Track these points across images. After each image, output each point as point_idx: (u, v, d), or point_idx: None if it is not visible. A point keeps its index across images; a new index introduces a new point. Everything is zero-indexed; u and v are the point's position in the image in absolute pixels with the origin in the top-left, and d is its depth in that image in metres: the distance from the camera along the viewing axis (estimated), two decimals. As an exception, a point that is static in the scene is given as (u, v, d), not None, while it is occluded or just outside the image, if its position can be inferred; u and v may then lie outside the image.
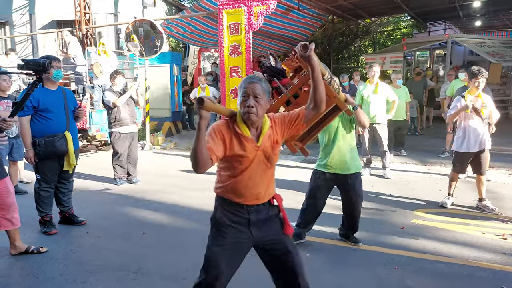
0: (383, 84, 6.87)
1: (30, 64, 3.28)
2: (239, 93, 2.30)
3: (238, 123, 2.29)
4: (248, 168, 2.31)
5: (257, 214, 2.38)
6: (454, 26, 18.53)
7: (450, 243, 4.09)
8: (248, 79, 2.31)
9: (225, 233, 2.36)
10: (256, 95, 2.24)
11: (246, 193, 2.33)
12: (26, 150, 4.38)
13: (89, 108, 8.45)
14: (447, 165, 7.43)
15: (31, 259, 3.86)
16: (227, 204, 2.38)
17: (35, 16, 14.64)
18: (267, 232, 2.40)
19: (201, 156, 2.09)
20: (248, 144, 2.28)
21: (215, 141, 2.22)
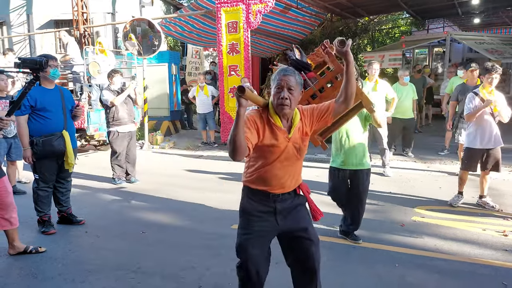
0: (382, 81, 6.83)
1: (27, 62, 3.25)
2: (273, 84, 2.36)
3: (271, 113, 2.36)
4: (278, 158, 2.39)
5: (283, 203, 2.47)
6: (452, 23, 18.52)
7: (450, 240, 4.08)
8: (282, 71, 2.35)
9: (251, 222, 2.47)
10: (290, 87, 2.30)
11: (274, 182, 2.42)
12: (24, 150, 4.36)
13: (87, 108, 8.43)
14: (447, 162, 7.43)
15: (30, 259, 3.84)
16: (253, 193, 2.48)
17: (33, 16, 14.60)
18: (293, 220, 2.49)
19: (240, 143, 2.15)
20: (280, 134, 2.36)
21: (250, 130, 2.28)
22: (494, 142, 4.90)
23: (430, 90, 11.66)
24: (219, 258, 3.79)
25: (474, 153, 5.00)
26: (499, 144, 4.93)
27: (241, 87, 2.10)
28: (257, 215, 2.47)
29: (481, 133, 4.91)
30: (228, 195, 5.65)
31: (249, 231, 2.48)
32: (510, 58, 11.63)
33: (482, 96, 4.88)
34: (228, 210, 5.09)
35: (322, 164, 7.57)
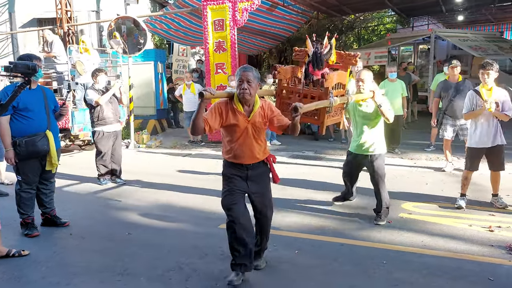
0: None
1: (19, 67, 3.24)
2: (236, 79, 3.10)
3: (234, 101, 3.13)
4: (241, 136, 3.17)
5: (253, 170, 3.26)
6: (437, 21, 18.70)
7: (437, 236, 4.11)
8: (242, 68, 3.12)
9: (230, 181, 3.28)
10: (249, 80, 3.05)
11: (243, 154, 3.20)
12: (6, 151, 4.25)
13: (71, 107, 8.29)
14: (433, 158, 7.50)
15: (13, 262, 3.76)
16: (230, 164, 3.28)
17: (15, 15, 14.34)
18: (258, 185, 3.31)
19: (198, 125, 2.99)
20: (240, 117, 3.12)
21: (212, 115, 3.09)
22: (495, 140, 4.80)
23: (415, 87, 11.75)
24: (206, 258, 3.75)
25: (474, 152, 4.92)
26: (501, 142, 4.83)
27: (200, 93, 2.88)
28: (233, 177, 3.26)
29: (480, 132, 4.83)
30: (216, 194, 5.61)
31: (229, 187, 3.27)
32: (494, 55, 11.78)
33: (481, 94, 4.78)
34: (216, 209, 5.04)
35: (309, 161, 7.58)
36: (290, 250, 3.88)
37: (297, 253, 3.82)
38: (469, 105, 4.89)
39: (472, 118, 4.91)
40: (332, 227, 4.45)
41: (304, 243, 4.03)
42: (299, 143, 9.21)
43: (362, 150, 4.55)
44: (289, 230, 4.37)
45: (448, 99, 6.58)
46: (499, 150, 4.85)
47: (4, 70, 3.27)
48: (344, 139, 9.32)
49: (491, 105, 4.58)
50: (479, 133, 4.84)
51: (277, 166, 4.90)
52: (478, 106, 4.80)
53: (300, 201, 5.31)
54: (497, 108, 4.65)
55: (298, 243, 4.02)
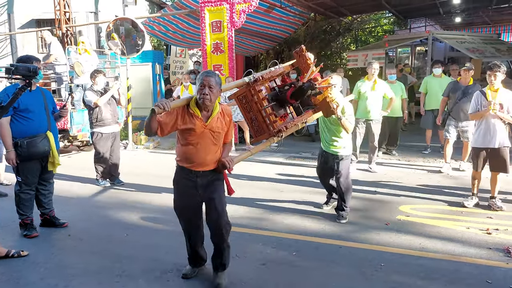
0: (381, 81, 6.87)
1: (20, 70, 3.26)
2: (197, 83, 3.02)
3: (191, 105, 3.07)
4: (196, 140, 3.07)
5: (202, 178, 3.16)
6: (434, 23, 18.78)
7: (435, 239, 4.12)
8: (205, 73, 3.05)
9: (181, 189, 3.24)
10: (210, 86, 2.98)
11: (194, 159, 3.11)
12: (8, 152, 4.25)
13: (70, 108, 8.29)
14: (430, 160, 7.52)
15: (12, 263, 3.76)
16: (181, 169, 3.19)
17: (14, 16, 14.33)
18: (210, 191, 3.18)
19: (151, 128, 2.95)
20: (197, 121, 3.05)
21: (167, 116, 3.01)
22: (498, 141, 4.83)
23: (412, 88, 11.78)
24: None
25: (478, 151, 4.98)
26: (505, 144, 4.85)
27: (152, 109, 2.82)
28: (184, 184, 3.20)
29: (484, 132, 4.88)
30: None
31: (181, 196, 3.25)
32: (491, 57, 11.82)
33: (486, 95, 4.84)
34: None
35: (307, 162, 7.59)
36: (288, 252, 3.90)
37: (295, 254, 3.83)
38: (474, 106, 4.97)
39: (477, 118, 4.98)
40: (330, 229, 4.47)
41: (303, 245, 4.04)
42: (296, 144, 9.23)
43: (331, 150, 4.74)
44: (288, 231, 4.38)
45: (454, 101, 6.62)
46: (502, 152, 4.87)
47: (5, 72, 3.27)
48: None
49: (494, 106, 4.64)
50: (483, 133, 4.90)
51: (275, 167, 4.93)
52: (483, 107, 4.85)
53: (298, 203, 5.33)
54: (501, 109, 4.69)
55: (296, 245, 4.03)
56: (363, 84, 6.85)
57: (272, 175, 6.78)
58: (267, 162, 7.82)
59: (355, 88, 7.02)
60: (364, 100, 6.77)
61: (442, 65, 8.05)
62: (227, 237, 3.27)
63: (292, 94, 3.41)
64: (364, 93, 6.76)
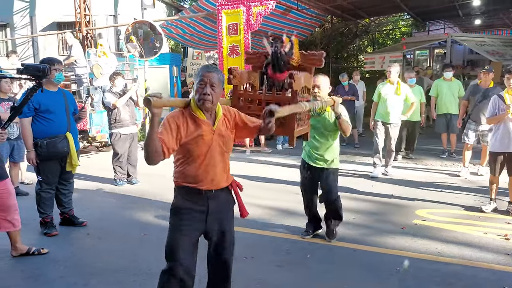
0: (404, 84, 6.78)
1: (30, 69, 3.21)
2: (196, 80, 2.42)
3: (193, 109, 2.42)
4: (205, 150, 2.43)
5: (215, 200, 2.51)
6: (453, 25, 18.52)
7: (451, 244, 4.09)
8: (205, 68, 2.44)
9: (184, 220, 2.48)
10: (212, 84, 2.36)
11: (204, 177, 2.45)
12: (28, 152, 4.38)
13: (89, 110, 8.45)
14: (448, 164, 7.44)
15: (32, 260, 3.86)
16: (186, 191, 2.48)
17: (36, 18, 14.65)
18: (220, 220, 2.57)
19: (155, 149, 2.22)
20: (204, 126, 2.41)
21: (167, 131, 2.32)
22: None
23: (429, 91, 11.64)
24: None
25: (495, 156, 4.92)
26: None
27: (146, 98, 2.10)
28: (188, 212, 2.48)
29: (501, 136, 4.82)
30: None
31: (177, 228, 2.49)
32: (511, 59, 11.63)
33: (505, 99, 4.79)
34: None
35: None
36: (303, 254, 3.91)
37: (309, 257, 3.84)
38: (492, 110, 4.90)
39: (494, 122, 4.92)
40: (346, 232, 4.46)
41: (317, 248, 4.05)
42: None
43: (319, 162, 4.05)
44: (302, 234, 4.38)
45: (474, 104, 6.54)
46: None
47: (16, 72, 3.28)
48: (357, 144, 9.29)
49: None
50: (500, 138, 4.84)
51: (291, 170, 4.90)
52: (501, 111, 4.79)
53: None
54: None
55: (311, 248, 4.04)
56: (384, 87, 6.73)
57: (288, 177, 6.79)
58: (282, 164, 7.83)
59: (376, 91, 6.92)
60: (384, 103, 6.66)
61: (453, 69, 7.95)
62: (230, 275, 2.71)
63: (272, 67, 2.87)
64: (385, 96, 6.64)
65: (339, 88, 9.70)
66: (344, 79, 9.64)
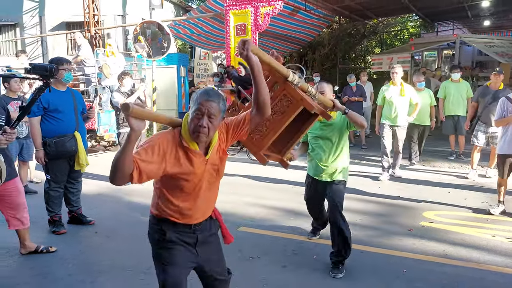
0: (407, 86, 6.72)
1: (37, 69, 3.21)
2: (193, 106, 2.03)
3: (184, 137, 2.05)
4: (197, 186, 2.13)
5: (203, 231, 2.25)
6: (462, 26, 18.41)
7: (459, 246, 4.06)
8: (205, 95, 2.03)
9: (174, 253, 2.19)
10: (211, 115, 2.00)
11: (194, 212, 2.17)
12: (37, 151, 4.42)
13: (97, 109, 8.51)
14: (456, 166, 7.39)
15: (41, 258, 3.90)
16: (172, 224, 2.17)
17: (45, 18, 14.79)
18: (210, 249, 2.31)
19: (123, 171, 1.83)
20: (196, 159, 2.07)
21: (148, 155, 1.93)
22: None
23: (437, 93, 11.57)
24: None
25: (503, 158, 4.90)
26: None
27: (125, 104, 1.72)
28: (180, 244, 2.19)
29: (510, 138, 4.79)
30: (234, 196, 5.68)
31: (176, 262, 2.19)
32: (521, 61, 11.54)
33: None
34: (234, 212, 5.12)
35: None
36: (309, 255, 3.91)
37: (316, 258, 3.84)
38: (500, 112, 4.88)
39: (503, 124, 4.89)
40: (352, 233, 4.41)
41: (323, 249, 4.04)
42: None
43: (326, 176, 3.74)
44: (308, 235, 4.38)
45: (484, 105, 6.49)
46: None
47: (24, 72, 3.30)
48: (364, 145, 9.27)
49: None
50: (509, 140, 4.81)
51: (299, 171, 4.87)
52: (510, 113, 4.77)
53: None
54: None
55: (317, 249, 4.04)
56: (388, 89, 6.68)
57: (296, 178, 6.79)
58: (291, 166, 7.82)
59: (379, 94, 6.87)
60: (390, 106, 6.60)
61: (461, 70, 7.88)
62: None
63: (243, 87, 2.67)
64: (390, 99, 6.59)
65: (347, 89, 9.68)
66: (351, 80, 9.62)
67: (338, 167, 3.67)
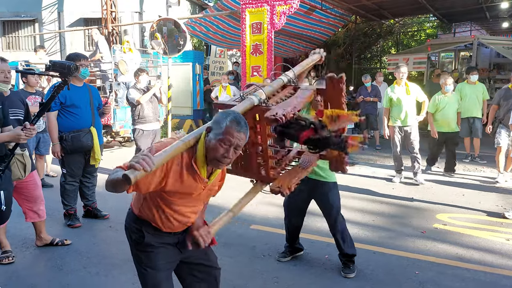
0: (412, 84, 6.51)
1: (57, 66, 3.23)
2: (219, 134, 1.87)
3: (197, 160, 1.95)
4: (189, 205, 2.10)
5: (183, 233, 2.21)
6: (480, 27, 18.14)
7: (472, 249, 4.03)
8: (237, 125, 1.87)
9: (156, 255, 2.16)
10: (238, 147, 1.91)
11: (177, 224, 2.13)
12: (53, 145, 4.50)
13: (113, 105, 8.62)
14: (471, 169, 7.31)
15: (56, 251, 3.98)
16: (153, 228, 2.14)
17: (63, 14, 15.01)
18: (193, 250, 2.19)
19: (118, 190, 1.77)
20: (199, 184, 2.02)
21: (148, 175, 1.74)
22: None
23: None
24: (238, 257, 3.84)
25: None
26: None
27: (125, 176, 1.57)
28: (160, 246, 2.15)
29: None
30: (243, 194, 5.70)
31: (156, 266, 2.17)
32: (540, 64, 11.33)
33: None
34: (247, 209, 5.14)
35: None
36: (321, 255, 3.91)
37: (327, 258, 3.84)
38: None
39: None
40: (365, 234, 4.44)
41: (335, 249, 4.02)
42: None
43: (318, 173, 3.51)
44: (321, 235, 4.39)
45: (507, 108, 6.36)
46: None
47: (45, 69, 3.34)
48: (378, 146, 9.21)
49: None
50: None
51: None
52: None
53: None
54: None
55: (329, 249, 4.03)
56: (393, 90, 6.44)
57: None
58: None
59: (384, 96, 6.62)
60: (399, 106, 6.35)
61: (478, 72, 7.74)
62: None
63: (308, 140, 2.17)
64: (398, 99, 6.34)
65: (362, 89, 9.62)
66: (367, 80, 9.55)
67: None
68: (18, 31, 15.67)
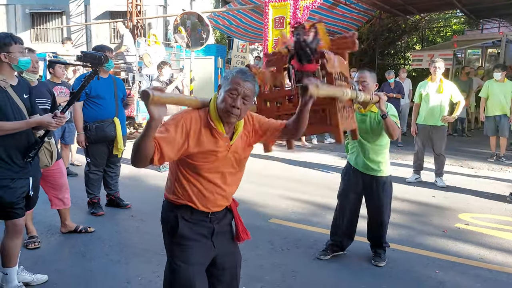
0: (447, 81, 6.20)
1: (88, 57, 3.34)
2: (226, 85, 1.97)
3: (212, 116, 2.00)
4: (216, 170, 2.07)
5: (219, 221, 2.18)
6: (509, 24, 17.64)
7: (495, 250, 3.96)
8: (242, 75, 1.98)
9: (190, 249, 2.09)
10: (245, 96, 1.95)
11: (212, 198, 2.10)
12: (78, 134, 4.62)
13: (137, 97, 8.74)
14: (496, 169, 7.15)
15: (80, 238, 4.08)
16: (189, 212, 2.09)
17: (90, 7, 15.28)
18: (226, 241, 2.25)
19: (144, 155, 1.80)
20: (221, 141, 2.01)
21: (171, 135, 1.87)
22: None
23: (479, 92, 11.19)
24: (256, 250, 3.86)
25: None
26: None
27: (145, 91, 1.63)
28: (195, 240, 2.09)
29: None
30: (265, 188, 5.73)
31: (190, 261, 2.08)
32: None
33: None
34: (266, 204, 5.16)
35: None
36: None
37: (346, 254, 3.83)
38: None
39: None
40: (384, 231, 4.40)
41: (354, 245, 4.01)
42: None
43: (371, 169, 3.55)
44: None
45: None
46: None
47: (76, 59, 3.42)
48: (400, 143, 9.08)
49: None
50: None
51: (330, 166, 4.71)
52: None
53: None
54: None
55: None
56: (426, 86, 6.17)
57: (327, 173, 6.77)
58: (321, 160, 7.80)
59: (416, 91, 6.40)
60: (427, 103, 6.08)
61: (504, 70, 7.51)
62: None
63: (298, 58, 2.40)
64: (427, 96, 6.08)
65: (385, 85, 9.50)
66: (390, 76, 9.43)
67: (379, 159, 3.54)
68: (46, 23, 16.03)
